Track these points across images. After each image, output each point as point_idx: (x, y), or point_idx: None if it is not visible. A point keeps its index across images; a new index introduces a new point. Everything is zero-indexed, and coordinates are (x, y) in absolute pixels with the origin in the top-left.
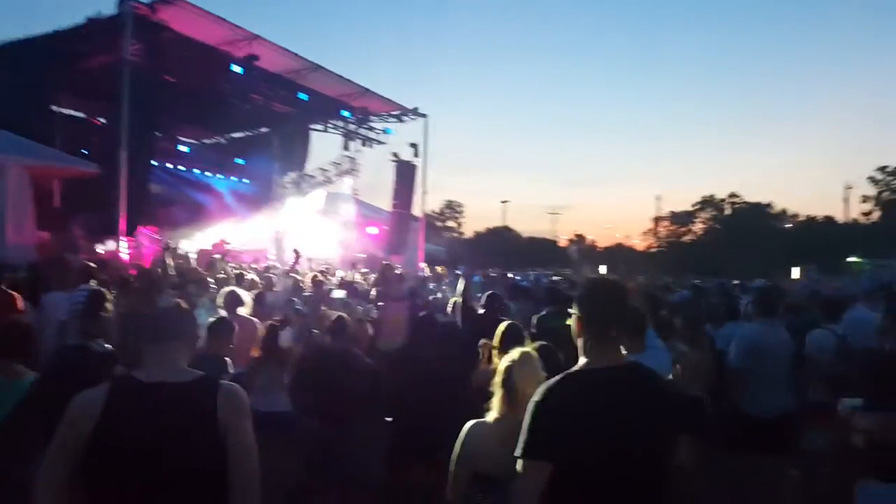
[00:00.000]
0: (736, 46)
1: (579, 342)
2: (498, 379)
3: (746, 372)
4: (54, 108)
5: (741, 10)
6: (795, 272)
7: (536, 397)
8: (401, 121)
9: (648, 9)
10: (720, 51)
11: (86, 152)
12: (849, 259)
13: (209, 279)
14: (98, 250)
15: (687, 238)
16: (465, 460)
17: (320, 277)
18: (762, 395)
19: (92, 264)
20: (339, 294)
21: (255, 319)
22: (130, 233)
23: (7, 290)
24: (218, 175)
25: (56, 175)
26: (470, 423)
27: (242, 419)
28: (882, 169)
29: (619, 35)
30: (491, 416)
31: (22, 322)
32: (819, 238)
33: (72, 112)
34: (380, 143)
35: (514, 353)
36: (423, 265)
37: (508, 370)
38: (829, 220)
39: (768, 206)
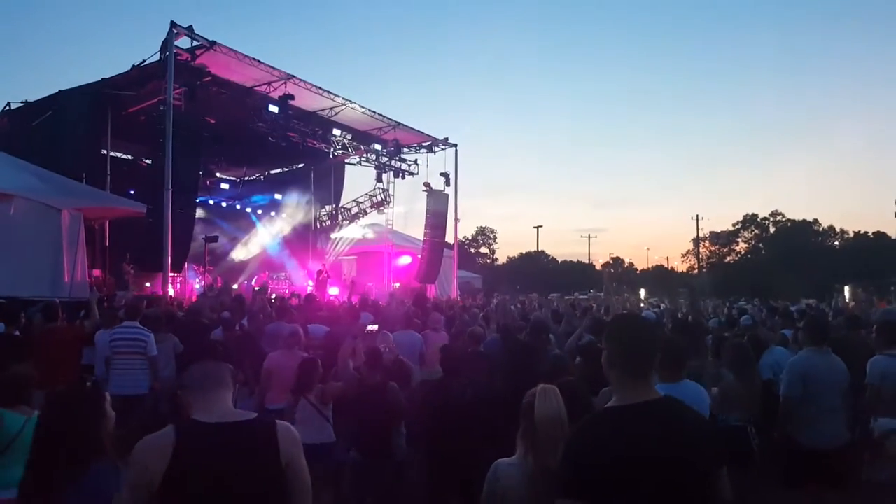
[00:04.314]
0: (771, 57)
1: (610, 377)
2: (522, 415)
3: (798, 401)
4: (104, 151)
5: (783, 15)
6: (847, 293)
7: (570, 436)
8: (432, 151)
9: (687, 22)
10: (753, 62)
11: (132, 192)
12: None
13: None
14: (146, 286)
15: (729, 259)
16: (492, 498)
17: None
18: (816, 426)
19: (141, 301)
20: (372, 326)
21: (302, 353)
22: (177, 269)
23: (74, 325)
24: (258, 210)
25: (106, 216)
26: (498, 461)
27: (300, 455)
28: None
29: (652, 52)
30: (517, 453)
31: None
32: (871, 255)
33: (119, 154)
34: (411, 174)
35: (537, 389)
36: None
37: (529, 406)
38: (880, 236)
39: (814, 223)
